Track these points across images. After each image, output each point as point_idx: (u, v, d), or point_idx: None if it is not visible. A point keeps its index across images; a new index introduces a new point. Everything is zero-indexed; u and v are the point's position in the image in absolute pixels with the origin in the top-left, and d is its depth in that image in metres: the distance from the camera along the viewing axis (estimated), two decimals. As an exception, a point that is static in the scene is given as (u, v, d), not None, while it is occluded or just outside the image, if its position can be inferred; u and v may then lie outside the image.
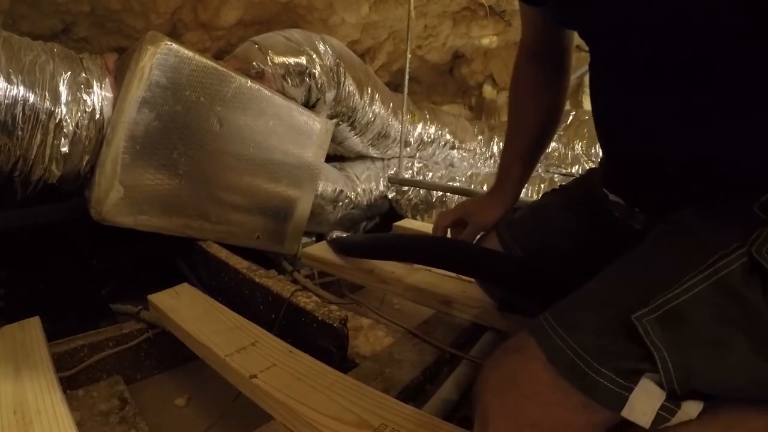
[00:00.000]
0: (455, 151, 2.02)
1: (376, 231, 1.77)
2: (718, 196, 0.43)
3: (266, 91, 1.10)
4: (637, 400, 0.36)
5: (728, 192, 0.42)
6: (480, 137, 2.14)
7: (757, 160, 0.45)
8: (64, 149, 0.90)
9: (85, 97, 0.91)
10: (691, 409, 0.36)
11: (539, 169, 2.17)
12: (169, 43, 0.91)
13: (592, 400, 0.37)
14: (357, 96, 1.43)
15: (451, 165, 2.04)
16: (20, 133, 0.85)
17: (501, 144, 2.14)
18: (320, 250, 1.07)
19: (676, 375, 0.35)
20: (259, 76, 1.15)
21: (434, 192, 1.72)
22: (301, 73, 1.23)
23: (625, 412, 0.36)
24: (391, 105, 1.59)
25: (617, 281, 0.42)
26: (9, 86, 0.83)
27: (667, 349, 0.35)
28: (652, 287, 0.38)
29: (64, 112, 0.89)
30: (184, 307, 0.78)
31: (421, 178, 1.79)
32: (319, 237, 1.52)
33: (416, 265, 0.96)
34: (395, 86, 1.93)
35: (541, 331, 0.41)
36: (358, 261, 0.99)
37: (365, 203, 1.62)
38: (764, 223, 0.37)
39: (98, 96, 0.93)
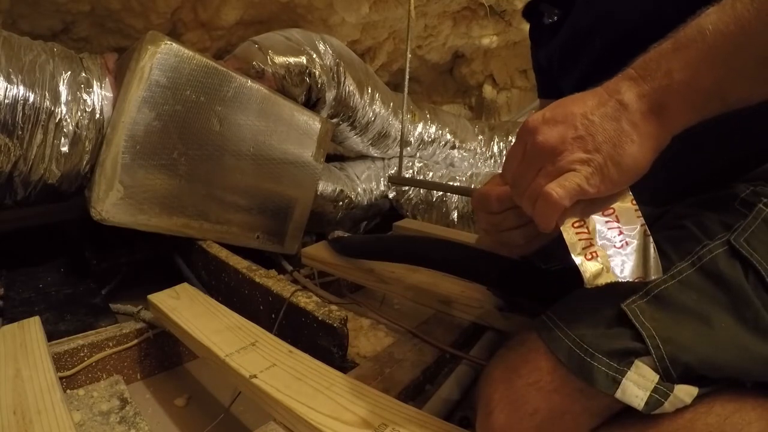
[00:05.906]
0: (456, 150, 2.01)
1: (376, 230, 1.76)
2: (705, 193, 0.46)
3: (266, 91, 1.10)
4: (630, 382, 0.37)
5: (712, 184, 0.46)
6: (480, 137, 2.13)
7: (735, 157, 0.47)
8: (64, 149, 0.90)
9: (85, 96, 0.91)
10: (684, 394, 0.36)
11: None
12: (169, 42, 0.91)
13: (588, 385, 0.38)
14: (357, 95, 1.43)
15: (452, 165, 2.04)
16: (20, 132, 0.85)
17: (501, 144, 2.13)
18: (320, 250, 1.07)
19: (666, 350, 0.37)
20: (259, 76, 1.15)
21: (434, 191, 1.72)
22: (301, 72, 1.23)
23: (619, 395, 0.37)
24: (392, 104, 1.59)
25: None
26: (9, 86, 0.83)
27: (655, 326, 0.38)
28: None
29: (64, 111, 0.89)
30: (184, 307, 0.78)
31: (421, 177, 1.79)
32: (319, 237, 1.51)
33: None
34: (395, 86, 1.93)
35: (542, 325, 0.43)
36: (358, 261, 0.99)
37: (365, 203, 1.61)
38: (744, 216, 0.41)
39: (98, 96, 0.93)
